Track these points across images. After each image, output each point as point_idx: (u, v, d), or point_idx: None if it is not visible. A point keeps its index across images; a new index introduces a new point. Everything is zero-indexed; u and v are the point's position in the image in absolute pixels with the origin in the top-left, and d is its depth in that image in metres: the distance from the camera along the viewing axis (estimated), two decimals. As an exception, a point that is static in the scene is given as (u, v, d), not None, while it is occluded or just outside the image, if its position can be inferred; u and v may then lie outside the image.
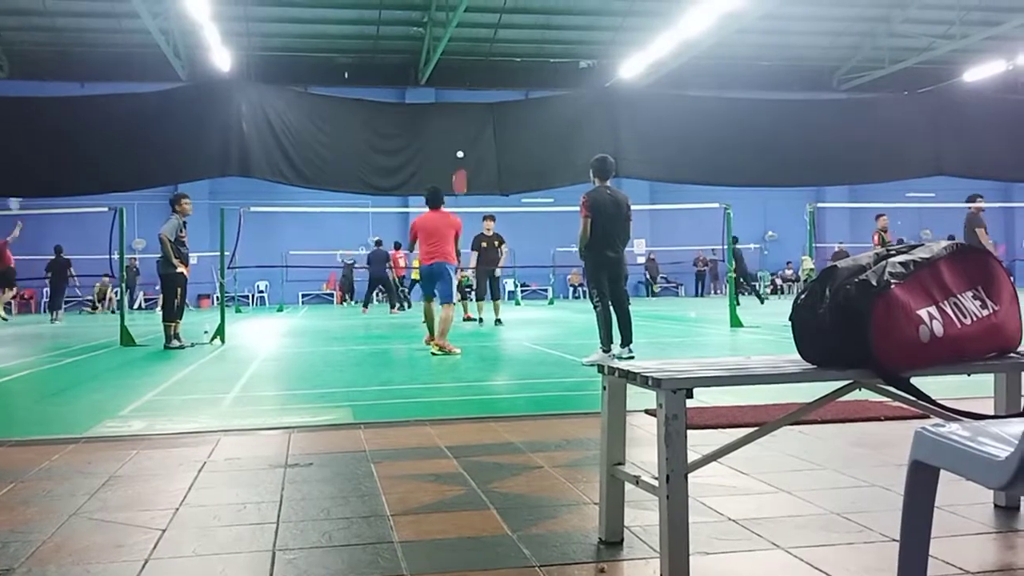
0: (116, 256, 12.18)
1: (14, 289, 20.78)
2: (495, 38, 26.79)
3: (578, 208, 8.33)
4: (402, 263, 22.42)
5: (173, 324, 11.04)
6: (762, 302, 23.09)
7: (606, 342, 8.13)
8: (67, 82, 23.91)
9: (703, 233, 27.49)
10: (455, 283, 10.25)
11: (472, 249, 15.31)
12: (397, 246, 22.61)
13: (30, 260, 23.17)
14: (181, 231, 11.08)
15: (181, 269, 11.05)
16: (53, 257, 21.99)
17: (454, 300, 10.08)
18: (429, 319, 10.09)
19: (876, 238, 16.15)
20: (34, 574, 2.45)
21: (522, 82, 27.31)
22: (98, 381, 7.86)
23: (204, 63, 22.99)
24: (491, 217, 16.01)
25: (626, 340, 8.37)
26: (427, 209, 10.15)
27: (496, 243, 15.59)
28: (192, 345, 10.97)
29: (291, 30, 25.80)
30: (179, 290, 11.14)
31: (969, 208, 14.19)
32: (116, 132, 13.70)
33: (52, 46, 25.67)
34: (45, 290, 28.50)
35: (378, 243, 22.43)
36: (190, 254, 11.59)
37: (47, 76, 25.03)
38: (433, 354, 9.27)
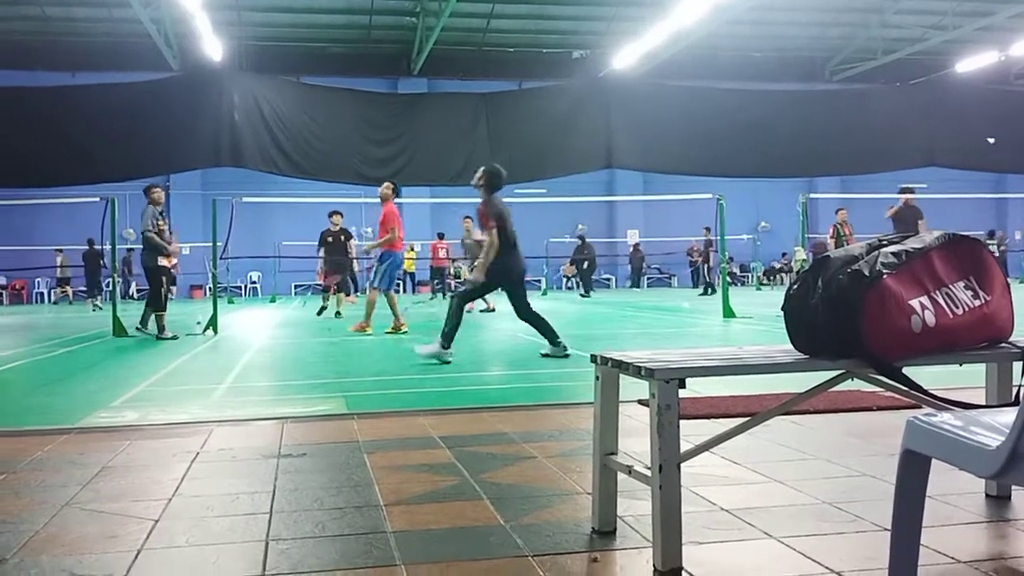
0: (108, 246, 12.15)
1: None
2: (488, 28, 26.70)
3: (484, 218, 8.00)
4: (442, 254, 22.74)
5: (162, 314, 11.06)
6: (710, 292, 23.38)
7: (449, 339, 7.70)
8: (58, 72, 23.75)
9: (696, 224, 27.50)
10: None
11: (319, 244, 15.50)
12: (440, 236, 23.04)
13: (23, 251, 23.10)
14: (160, 221, 11.05)
15: (163, 262, 11.07)
16: (87, 248, 22.93)
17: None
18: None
19: (832, 231, 16.19)
20: (26, 564, 2.44)
21: (515, 72, 27.24)
22: (91, 371, 7.84)
23: (196, 53, 22.86)
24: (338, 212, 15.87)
25: (554, 337, 8.00)
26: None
27: (343, 237, 15.53)
28: (175, 337, 10.95)
29: (283, 19, 25.68)
30: (164, 280, 11.17)
31: (900, 200, 14.32)
32: (108, 122, 13.66)
33: (42, 35, 25.51)
34: (39, 281, 28.51)
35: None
36: (181, 245, 11.61)
37: (38, 66, 24.86)
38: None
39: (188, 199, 29.15)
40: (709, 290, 24.21)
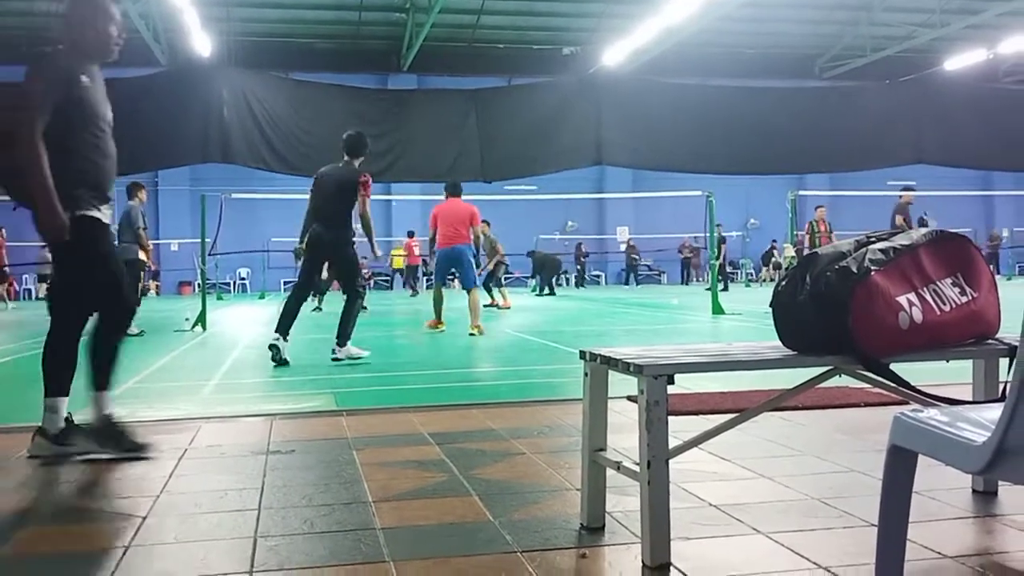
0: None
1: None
2: (478, 24, 26.67)
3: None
4: (416, 251, 23.13)
5: (155, 308, 11.10)
6: None
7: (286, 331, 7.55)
8: (45, 67, 23.60)
9: (686, 220, 27.55)
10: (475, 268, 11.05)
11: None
12: (410, 234, 23.39)
13: (16, 247, 22.97)
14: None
15: (141, 255, 11.13)
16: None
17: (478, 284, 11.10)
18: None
19: (807, 228, 16.25)
20: (14, 562, 2.43)
21: (505, 69, 27.21)
22: (79, 368, 7.80)
23: (184, 48, 22.75)
24: None
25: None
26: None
27: None
28: (142, 332, 10.98)
29: (272, 15, 25.58)
30: (141, 274, 11.29)
31: (900, 196, 14.37)
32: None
33: (29, 30, 25.36)
34: (27, 277, 28.34)
35: None
36: (170, 241, 11.73)
37: (23, 61, 24.70)
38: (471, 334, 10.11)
39: (176, 195, 29.04)
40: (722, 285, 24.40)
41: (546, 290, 24.40)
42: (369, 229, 7.77)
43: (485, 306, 15.56)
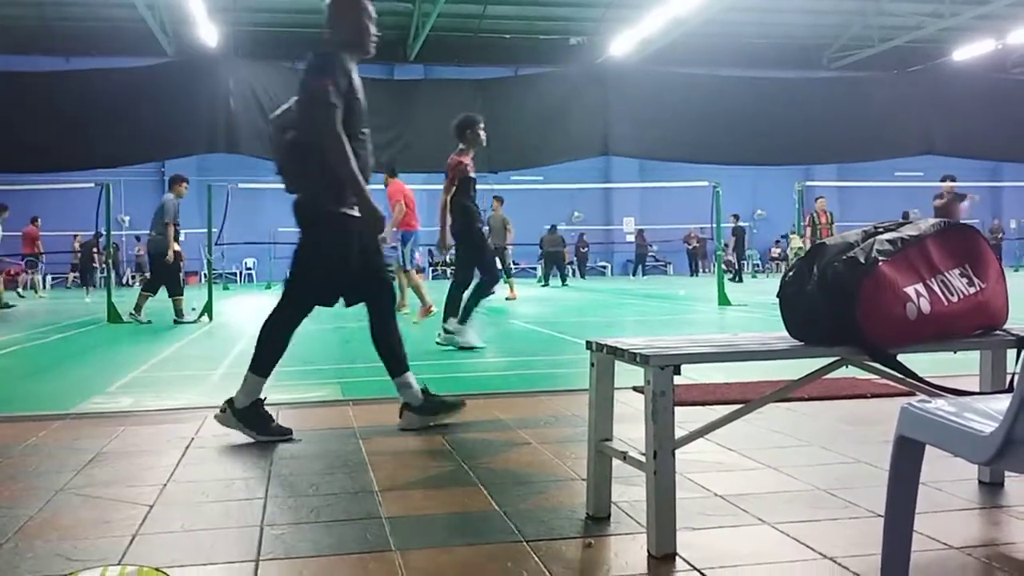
0: (103, 232, 12.18)
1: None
2: (484, 14, 26.61)
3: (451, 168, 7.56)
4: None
5: (179, 298, 11.54)
6: None
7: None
8: (52, 56, 23.64)
9: (692, 211, 27.48)
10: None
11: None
12: None
13: (15, 237, 23.01)
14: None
15: (177, 249, 11.55)
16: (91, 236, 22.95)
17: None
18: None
19: (807, 219, 16.22)
20: (20, 549, 2.44)
21: (511, 59, 27.14)
22: (85, 357, 7.83)
23: (190, 38, 22.74)
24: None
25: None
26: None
27: None
28: (150, 322, 11.15)
29: (278, 4, 25.56)
30: (181, 264, 11.72)
31: (941, 188, 14.31)
32: (102, 107, 13.57)
33: (36, 20, 25.39)
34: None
35: None
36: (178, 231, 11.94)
37: (32, 50, 24.74)
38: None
39: (183, 185, 29.03)
40: (737, 277, 24.60)
41: (555, 280, 24.46)
42: (446, 214, 7.64)
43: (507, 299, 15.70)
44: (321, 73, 3.82)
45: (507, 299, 15.99)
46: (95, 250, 22.37)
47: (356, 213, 3.88)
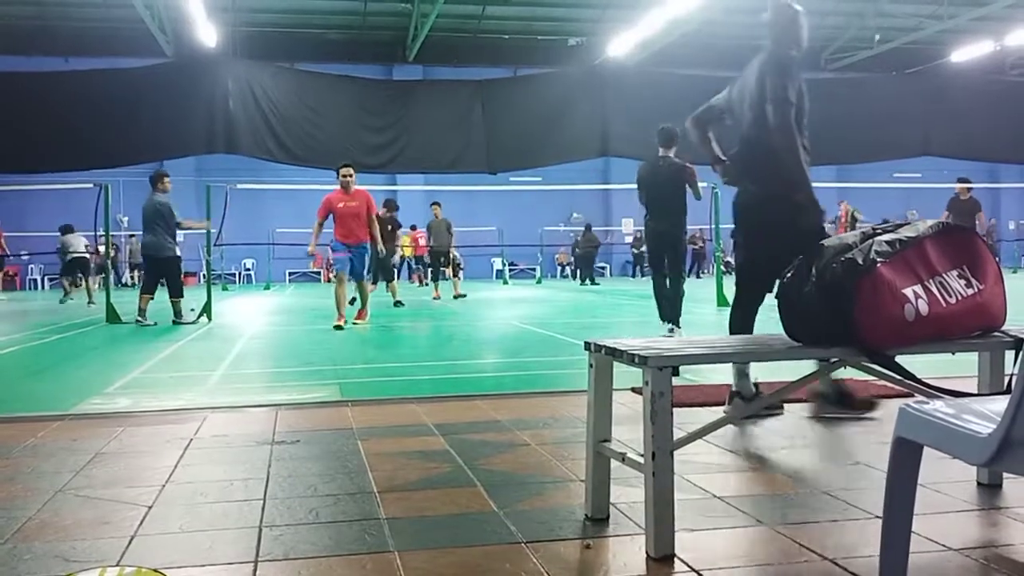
0: (102, 232, 12.16)
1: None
2: (483, 15, 26.59)
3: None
4: (421, 242, 23.59)
5: (160, 300, 11.40)
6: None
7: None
8: (51, 57, 23.61)
9: (692, 212, 27.45)
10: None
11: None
12: (413, 227, 23.85)
13: (13, 237, 23.01)
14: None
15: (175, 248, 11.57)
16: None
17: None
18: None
19: (844, 216, 16.22)
20: (19, 550, 2.44)
21: (510, 59, 27.13)
22: (84, 358, 7.83)
23: (189, 39, 22.70)
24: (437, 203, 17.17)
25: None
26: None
27: (390, 227, 16.07)
28: (156, 323, 11.13)
29: (277, 5, 25.54)
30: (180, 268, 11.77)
31: (957, 190, 14.30)
32: (101, 108, 13.57)
33: (35, 20, 25.35)
34: (33, 267, 28.40)
35: None
36: (177, 232, 11.88)
37: (31, 51, 24.70)
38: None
39: (182, 185, 28.85)
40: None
41: (587, 280, 25.59)
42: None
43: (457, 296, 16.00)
44: (782, 75, 4.22)
45: (433, 299, 16.54)
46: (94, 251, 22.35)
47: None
